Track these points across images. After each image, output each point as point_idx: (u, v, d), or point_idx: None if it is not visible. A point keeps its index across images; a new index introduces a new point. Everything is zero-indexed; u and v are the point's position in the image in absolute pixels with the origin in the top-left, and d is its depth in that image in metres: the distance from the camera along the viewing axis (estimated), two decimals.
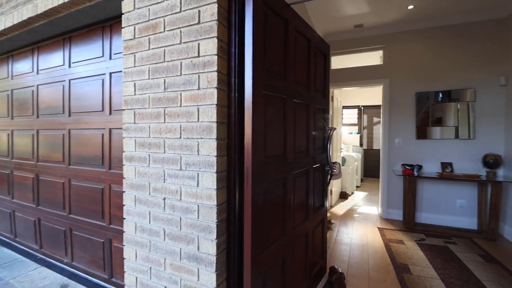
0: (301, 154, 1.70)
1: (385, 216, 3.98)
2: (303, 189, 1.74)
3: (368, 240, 3.10)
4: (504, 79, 3.37)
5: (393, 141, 3.96)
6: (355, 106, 7.66)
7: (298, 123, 1.65)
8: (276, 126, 1.39)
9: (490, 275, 2.37)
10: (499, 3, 3.21)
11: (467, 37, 3.56)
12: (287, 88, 1.48)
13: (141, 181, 1.41)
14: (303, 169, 1.72)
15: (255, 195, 1.17)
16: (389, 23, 3.79)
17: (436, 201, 3.76)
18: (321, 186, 2.07)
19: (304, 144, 1.73)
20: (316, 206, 1.97)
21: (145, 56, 1.41)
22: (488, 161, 3.41)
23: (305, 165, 1.74)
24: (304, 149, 1.74)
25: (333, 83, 4.21)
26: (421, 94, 3.79)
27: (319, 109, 2.01)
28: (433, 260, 2.65)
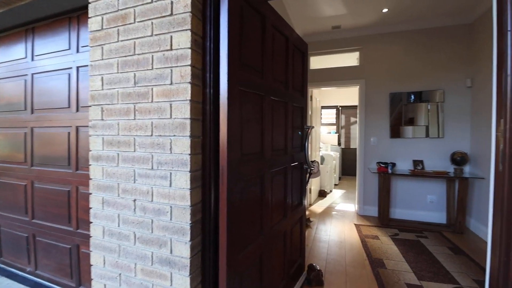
0: (279, 152, 1.68)
1: (362, 212, 4.10)
2: (281, 187, 1.72)
3: (345, 237, 3.17)
4: (470, 81, 3.58)
5: (368, 140, 4.08)
6: (334, 106, 7.83)
7: (276, 120, 1.63)
8: (253, 124, 1.36)
9: (458, 266, 2.50)
10: (465, 9, 3.41)
11: (437, 41, 3.74)
12: (264, 85, 1.46)
13: (110, 181, 1.32)
14: (281, 167, 1.70)
15: (231, 194, 1.13)
16: (365, 26, 3.89)
17: (408, 197, 3.92)
18: (299, 184, 2.07)
19: (282, 142, 1.72)
20: (294, 204, 1.97)
21: (113, 49, 1.32)
22: (456, 158, 3.61)
23: (283, 163, 1.73)
24: (282, 147, 1.72)
25: (312, 83, 4.27)
26: (395, 94, 3.94)
27: (297, 108, 2.01)
28: (406, 254, 2.75)
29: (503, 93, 0.92)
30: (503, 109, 0.92)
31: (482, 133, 3.35)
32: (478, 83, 3.46)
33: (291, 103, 1.84)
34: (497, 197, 0.97)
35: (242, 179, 1.24)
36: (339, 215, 4.03)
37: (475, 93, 3.54)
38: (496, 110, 0.98)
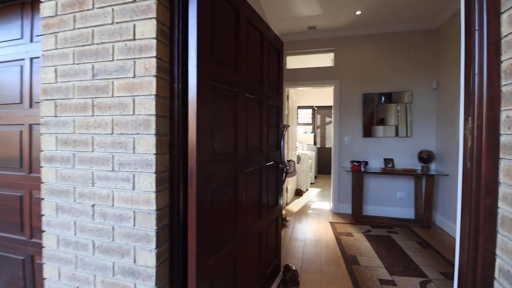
0: (254, 152, 1.63)
1: (336, 210, 4.18)
2: (256, 188, 1.67)
3: (320, 235, 3.20)
4: (435, 83, 3.78)
5: (343, 139, 4.17)
6: (310, 106, 7.96)
7: (251, 119, 1.57)
8: (226, 121, 1.29)
9: (426, 260, 2.61)
10: (431, 15, 3.58)
11: (406, 44, 3.91)
12: (238, 81, 1.39)
13: (64, 185, 1.18)
14: (256, 167, 1.65)
15: (201, 197, 1.05)
16: (340, 27, 3.97)
17: (380, 194, 4.06)
18: (275, 184, 2.03)
19: (257, 141, 1.67)
20: (270, 205, 1.93)
21: (69, 37, 1.19)
22: (423, 156, 3.79)
23: (258, 162, 1.68)
24: (257, 146, 1.67)
25: (288, 82, 4.27)
26: (367, 95, 4.06)
27: (273, 106, 1.97)
28: (378, 249, 2.83)
29: (471, 91, 0.93)
30: (471, 107, 0.93)
31: (446, 132, 3.55)
32: (443, 85, 3.66)
33: (266, 101, 1.79)
34: (465, 194, 0.98)
35: (213, 180, 1.16)
36: (315, 214, 4.07)
37: (440, 94, 3.74)
38: (464, 108, 1.00)
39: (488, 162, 0.89)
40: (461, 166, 1.02)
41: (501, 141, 0.88)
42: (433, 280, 2.24)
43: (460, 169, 1.04)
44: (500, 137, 0.88)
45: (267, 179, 1.83)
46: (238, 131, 1.39)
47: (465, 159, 0.98)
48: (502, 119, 0.87)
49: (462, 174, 0.99)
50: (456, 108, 3.29)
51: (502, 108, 0.88)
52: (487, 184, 0.89)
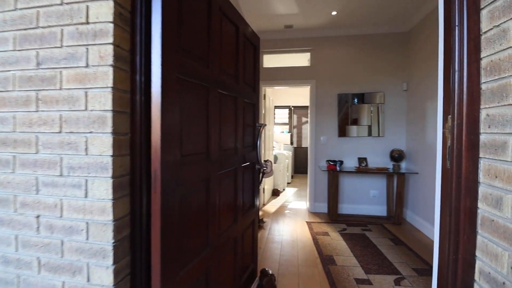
0: (229, 152, 1.52)
1: (313, 210, 4.19)
2: (230, 191, 1.57)
3: (297, 236, 3.17)
4: (406, 85, 3.92)
5: (319, 139, 4.19)
6: (286, 106, 7.99)
7: (225, 117, 1.47)
8: (197, 119, 1.18)
9: (399, 256, 2.67)
10: (402, 19, 3.70)
11: (379, 46, 4.01)
12: (211, 76, 1.28)
13: (3, 193, 1.00)
14: (231, 168, 1.55)
15: (166, 204, 0.93)
16: (316, 27, 3.98)
17: (354, 192, 4.14)
18: (251, 185, 1.95)
19: (232, 141, 1.57)
20: (246, 208, 1.84)
21: (9, 19, 1.01)
22: (394, 155, 3.92)
23: (233, 164, 1.58)
24: (232, 146, 1.57)
25: (265, 81, 4.21)
26: (342, 95, 4.11)
27: (249, 104, 1.88)
28: (354, 248, 2.85)
29: (451, 89, 0.91)
30: (451, 106, 0.91)
31: (415, 132, 3.69)
32: (412, 87, 3.80)
33: (242, 99, 1.70)
34: (444, 194, 0.96)
35: (182, 184, 1.05)
36: (291, 214, 4.05)
37: (409, 96, 3.89)
38: (443, 106, 0.98)
39: (468, 161, 0.87)
40: (439, 165, 1.00)
41: (481, 140, 0.86)
42: (406, 277, 2.28)
43: (438, 168, 1.02)
44: (480, 136, 0.86)
45: (242, 181, 1.74)
46: (210, 130, 1.28)
47: (444, 159, 0.96)
48: (482, 117, 0.86)
49: (441, 174, 0.97)
50: (424, 108, 3.43)
51: (482, 106, 0.86)
52: (467, 184, 0.87)
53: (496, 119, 0.80)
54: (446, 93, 0.95)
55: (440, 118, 1.00)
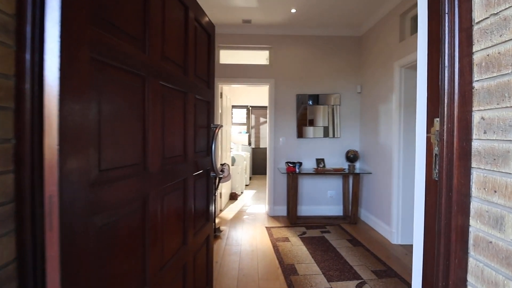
0: (176, 160, 1.24)
1: (272, 213, 4.06)
2: (178, 207, 1.28)
3: (257, 244, 2.97)
4: (359, 87, 4.03)
5: (278, 140, 4.07)
6: (244, 106, 7.80)
7: (171, 116, 1.18)
8: (127, 119, 0.87)
9: (358, 259, 2.65)
10: (356, 23, 3.78)
11: (336, 49, 4.05)
12: (149, 63, 0.98)
13: None
14: (179, 179, 1.26)
15: (72, 245, 0.63)
16: (275, 24, 3.84)
17: (312, 193, 4.12)
18: (205, 196, 1.67)
19: (179, 146, 1.28)
20: (199, 224, 1.56)
21: None
22: (349, 156, 3.99)
23: (182, 174, 1.29)
24: (180, 152, 1.28)
25: (222, 78, 3.94)
26: (300, 96, 4.06)
27: (202, 101, 1.60)
28: (314, 253, 2.76)
29: (440, 87, 0.77)
30: (440, 107, 0.77)
31: (368, 133, 3.80)
32: (365, 90, 3.92)
33: (193, 95, 1.42)
34: (430, 211, 0.83)
35: (102, 211, 0.74)
36: (250, 219, 3.85)
37: (363, 98, 4.00)
38: (426, 107, 0.85)
39: (461, 172, 0.74)
40: (422, 176, 0.87)
41: (473, 147, 0.74)
42: (367, 281, 2.25)
43: (420, 180, 0.89)
44: (472, 143, 0.74)
45: (194, 192, 1.46)
46: (148, 134, 0.98)
47: (429, 169, 0.83)
48: (474, 121, 0.74)
49: (426, 188, 0.84)
50: (377, 110, 3.53)
51: (474, 108, 0.73)
52: (459, 198, 0.74)
53: (495, 124, 0.68)
54: (432, 93, 0.82)
55: (422, 121, 0.88)
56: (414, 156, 2.87)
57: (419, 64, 0.91)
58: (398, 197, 3.05)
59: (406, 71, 2.97)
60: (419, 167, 0.91)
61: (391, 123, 3.18)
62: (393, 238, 3.09)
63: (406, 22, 3.01)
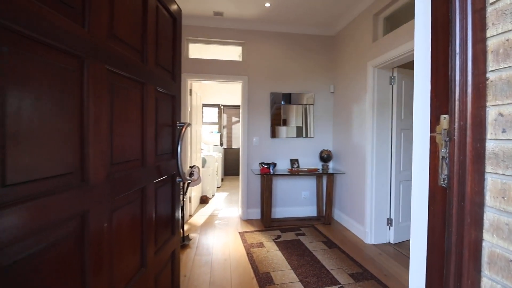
0: (130, 166, 1.00)
1: (245, 217, 3.88)
2: (134, 223, 1.05)
3: (230, 252, 2.78)
4: (333, 87, 4.01)
5: (251, 140, 3.91)
6: (215, 104, 7.52)
7: (123, 111, 0.95)
8: (54, 113, 0.64)
9: (334, 262, 2.58)
10: (329, 22, 3.74)
11: (310, 47, 3.99)
12: (89, 40, 0.75)
13: None
14: (135, 189, 1.03)
15: None
16: (249, 19, 3.66)
17: (287, 194, 4.02)
18: (170, 206, 1.44)
19: (136, 148, 1.05)
20: (161, 239, 1.33)
21: None
22: (323, 156, 3.95)
23: (139, 182, 1.06)
24: (136, 155, 1.05)
25: (192, 73, 3.67)
26: (275, 94, 3.93)
27: (166, 96, 1.37)
28: (290, 258, 2.64)
29: (450, 79, 0.65)
30: (450, 101, 0.66)
31: (341, 133, 3.79)
32: (338, 90, 3.91)
33: (153, 87, 1.19)
34: (436, 223, 0.71)
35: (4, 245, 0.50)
36: (222, 224, 3.63)
37: (336, 98, 3.99)
38: (431, 103, 0.73)
39: (474, 178, 0.63)
40: (424, 183, 0.75)
41: (487, 148, 0.63)
42: (345, 286, 2.17)
43: (421, 186, 0.78)
44: (486, 144, 0.63)
45: (155, 203, 1.23)
46: (89, 134, 0.75)
47: (434, 174, 0.71)
48: (489, 118, 0.63)
49: (430, 196, 0.72)
50: (350, 110, 3.53)
51: (489, 103, 0.62)
52: (473, 209, 0.63)
53: None
54: (438, 85, 0.70)
55: (424, 119, 0.76)
56: (387, 156, 2.85)
57: (418, 54, 0.80)
58: (372, 197, 3.05)
59: (379, 71, 2.98)
60: (419, 172, 0.79)
61: (364, 123, 3.18)
62: (366, 238, 3.09)
63: (379, 22, 3.02)
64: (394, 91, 2.99)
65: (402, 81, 3.01)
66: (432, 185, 0.72)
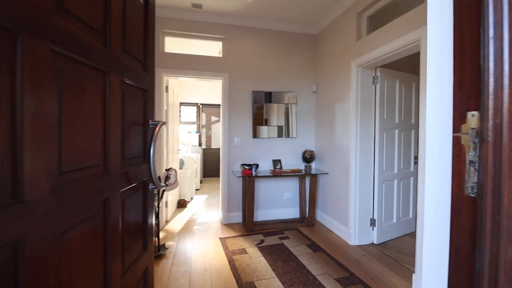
0: (88, 174, 0.81)
1: (226, 221, 3.70)
2: (94, 243, 0.85)
3: (210, 261, 2.60)
4: (315, 86, 3.95)
5: (232, 140, 3.74)
6: (194, 103, 7.25)
7: (76, 106, 0.75)
8: None
9: (320, 266, 2.49)
10: (312, 21, 3.68)
11: (292, 45, 3.90)
12: (24, 8, 0.56)
13: None
14: (96, 201, 0.84)
15: None
16: (230, 13, 3.49)
17: (269, 197, 3.90)
18: (141, 217, 1.25)
19: (96, 152, 0.85)
20: (131, 258, 1.14)
21: None
22: (306, 156, 3.88)
23: (100, 193, 0.87)
24: (96, 161, 0.86)
25: (168, 69, 3.43)
26: (257, 93, 3.80)
27: (136, 90, 1.18)
28: (275, 265, 2.51)
29: (483, 68, 0.55)
30: (483, 95, 0.55)
31: (324, 133, 3.74)
32: (321, 89, 3.85)
33: (119, 78, 1.00)
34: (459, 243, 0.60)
35: None
36: (202, 230, 3.43)
37: (318, 97, 3.94)
38: (454, 97, 0.62)
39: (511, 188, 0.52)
40: (447, 190, 0.65)
41: None
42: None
43: (439, 196, 0.67)
44: None
45: (123, 215, 1.04)
46: (23, 135, 0.56)
47: (458, 181, 0.60)
48: None
49: (453, 207, 0.62)
50: (333, 110, 3.48)
51: None
52: (510, 224, 0.52)
53: None
54: (463, 75, 0.59)
55: (444, 116, 0.65)
56: (370, 156, 2.79)
57: (431, 38, 0.69)
58: (355, 197, 3.01)
59: (363, 70, 2.94)
60: (434, 178, 0.68)
61: (347, 122, 3.13)
62: (350, 239, 3.05)
63: (363, 21, 2.99)
64: (377, 91, 2.97)
65: (384, 81, 3.00)
66: (456, 194, 0.62)
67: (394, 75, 3.10)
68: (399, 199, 3.21)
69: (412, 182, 3.35)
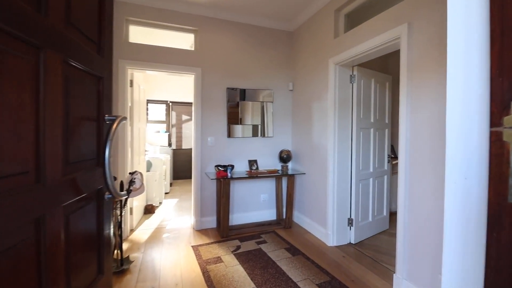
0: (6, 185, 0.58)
1: (199, 227, 3.46)
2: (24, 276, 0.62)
3: (182, 273, 2.36)
4: (291, 84, 3.86)
5: (205, 140, 3.51)
6: (163, 101, 6.83)
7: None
8: None
9: (300, 271, 2.38)
10: (289, 16, 3.58)
11: (268, 41, 3.76)
12: None
13: None
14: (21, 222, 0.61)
15: None
16: (202, 3, 3.25)
17: (245, 199, 3.73)
18: (94, 236, 1.01)
19: (22, 155, 0.62)
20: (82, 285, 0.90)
21: None
22: (283, 156, 3.78)
23: (27, 211, 0.63)
24: (22, 167, 0.62)
25: (133, 61, 3.11)
26: (232, 90, 3.61)
27: (87, 76, 0.94)
28: (253, 273, 2.35)
29: None
30: None
31: (301, 132, 3.67)
32: (297, 88, 3.77)
33: (60, 56, 0.76)
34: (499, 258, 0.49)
35: None
36: (172, 238, 3.16)
37: (295, 96, 3.85)
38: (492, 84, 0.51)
39: None
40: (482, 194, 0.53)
41: None
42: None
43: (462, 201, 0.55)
44: None
45: (66, 237, 0.80)
46: None
47: (497, 186, 0.49)
48: None
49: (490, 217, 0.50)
50: (310, 109, 3.41)
51: None
52: None
53: None
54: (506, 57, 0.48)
55: (477, 107, 0.53)
56: (347, 155, 2.72)
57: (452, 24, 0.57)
58: (333, 197, 2.96)
59: (340, 69, 2.90)
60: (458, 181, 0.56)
61: (325, 121, 3.08)
62: (329, 240, 2.99)
63: (340, 19, 2.94)
64: (354, 90, 2.95)
65: (361, 80, 2.98)
66: (495, 202, 0.50)
67: (370, 75, 3.11)
68: (374, 197, 3.23)
69: (386, 180, 3.40)
